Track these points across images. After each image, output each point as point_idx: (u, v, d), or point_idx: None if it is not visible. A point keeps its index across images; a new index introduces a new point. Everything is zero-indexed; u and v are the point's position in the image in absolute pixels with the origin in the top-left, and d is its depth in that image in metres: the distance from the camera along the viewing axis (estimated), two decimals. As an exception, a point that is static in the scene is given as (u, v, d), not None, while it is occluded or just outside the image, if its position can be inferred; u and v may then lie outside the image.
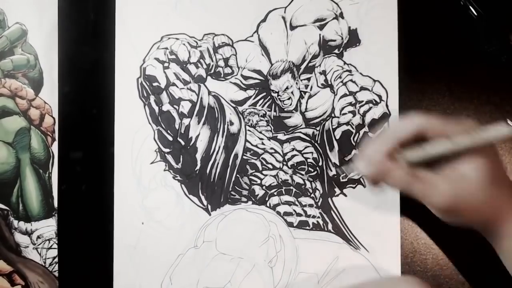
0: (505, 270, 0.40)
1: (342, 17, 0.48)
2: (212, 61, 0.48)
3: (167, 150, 0.48)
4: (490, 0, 0.46)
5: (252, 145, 0.48)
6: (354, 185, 0.47)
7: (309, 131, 0.48)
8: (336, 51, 0.48)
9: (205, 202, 0.48)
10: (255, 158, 0.48)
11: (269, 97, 0.48)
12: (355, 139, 0.47)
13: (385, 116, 0.47)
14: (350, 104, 0.48)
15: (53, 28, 0.48)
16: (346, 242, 0.47)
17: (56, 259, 0.48)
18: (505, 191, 0.38)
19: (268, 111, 0.48)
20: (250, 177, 0.48)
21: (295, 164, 0.48)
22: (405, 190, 0.38)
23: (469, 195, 0.37)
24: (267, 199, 0.47)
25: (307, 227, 0.47)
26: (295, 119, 0.48)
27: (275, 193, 0.48)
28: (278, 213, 0.47)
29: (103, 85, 0.48)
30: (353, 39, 0.48)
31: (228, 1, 0.48)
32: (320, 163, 0.48)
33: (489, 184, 0.37)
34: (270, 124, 0.48)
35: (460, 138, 0.37)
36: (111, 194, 0.48)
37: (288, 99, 0.48)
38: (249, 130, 0.48)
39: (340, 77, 0.48)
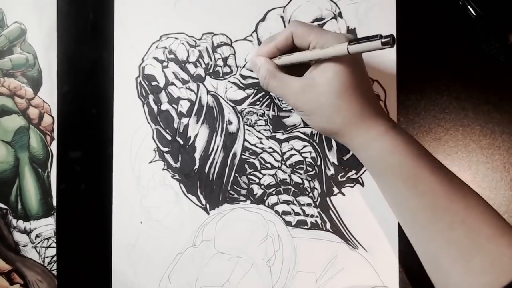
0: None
1: (341, 17, 0.48)
2: (211, 60, 0.48)
3: (166, 149, 0.48)
4: (489, 0, 0.46)
5: (250, 144, 0.48)
6: (352, 185, 0.47)
7: (308, 130, 0.48)
8: (334, 50, 0.48)
9: (203, 201, 0.48)
10: (253, 157, 0.48)
11: (267, 96, 0.48)
12: (354, 138, 0.47)
13: (384, 116, 0.47)
14: (349, 103, 0.48)
15: (52, 28, 0.49)
16: (344, 241, 0.47)
17: (55, 258, 0.48)
18: (357, 104, 0.40)
19: (267, 110, 0.48)
20: (249, 176, 0.48)
21: (294, 163, 0.48)
22: (266, 85, 0.43)
23: (314, 100, 0.40)
24: (265, 198, 0.48)
25: (306, 226, 0.47)
26: (294, 119, 0.48)
27: (274, 192, 0.48)
28: (277, 212, 0.47)
29: (102, 84, 0.48)
30: (352, 38, 0.48)
31: (227, 1, 0.48)
32: (319, 163, 0.48)
33: (336, 94, 0.40)
34: (268, 123, 0.48)
35: (315, 50, 0.40)
36: (110, 193, 0.48)
37: (287, 98, 0.48)
38: (247, 129, 0.48)
39: (338, 77, 0.48)
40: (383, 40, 0.35)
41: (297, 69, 0.43)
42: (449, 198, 0.38)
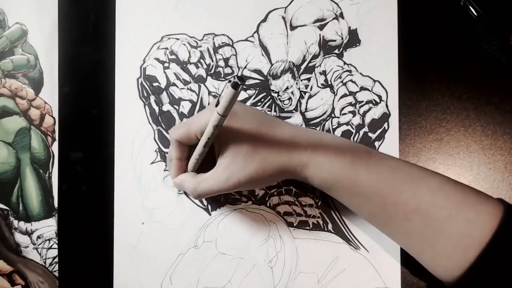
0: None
1: (342, 17, 0.48)
2: (212, 61, 0.48)
3: (167, 150, 0.48)
4: (490, 0, 0.46)
5: (252, 145, 0.48)
6: (354, 185, 0.47)
7: (309, 131, 0.48)
8: (336, 51, 0.48)
9: (205, 202, 0.48)
10: (255, 158, 0.48)
11: (269, 97, 0.48)
12: (355, 139, 0.47)
13: (385, 116, 0.47)
14: (350, 104, 0.48)
15: (53, 28, 0.49)
16: (346, 242, 0.47)
17: (56, 259, 0.48)
18: (272, 153, 0.40)
19: (268, 111, 0.48)
20: (250, 177, 0.48)
21: (295, 164, 0.48)
22: (197, 197, 0.43)
23: (241, 176, 0.40)
24: (267, 199, 0.48)
25: (307, 227, 0.47)
26: (295, 119, 0.48)
27: (275, 193, 0.48)
28: (278, 213, 0.47)
29: (103, 85, 0.48)
30: (353, 39, 0.48)
31: (228, 1, 0.48)
32: (320, 163, 0.48)
33: (247, 159, 0.40)
34: (270, 124, 0.48)
35: (202, 136, 0.40)
36: (111, 194, 0.48)
37: (288, 99, 0.48)
38: (249, 130, 0.48)
39: (340, 77, 0.48)
40: (231, 84, 0.34)
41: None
42: (395, 190, 0.38)
